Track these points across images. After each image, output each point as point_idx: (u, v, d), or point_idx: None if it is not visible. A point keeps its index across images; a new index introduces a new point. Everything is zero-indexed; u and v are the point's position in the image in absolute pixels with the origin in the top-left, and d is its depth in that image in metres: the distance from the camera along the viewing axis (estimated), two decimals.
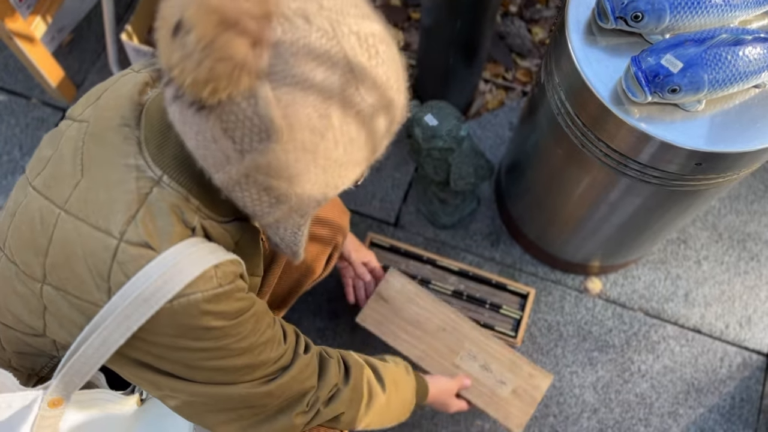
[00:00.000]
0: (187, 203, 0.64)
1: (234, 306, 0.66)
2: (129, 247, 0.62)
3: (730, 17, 0.91)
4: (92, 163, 0.65)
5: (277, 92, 0.53)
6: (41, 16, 1.51)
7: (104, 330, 0.63)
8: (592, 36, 0.94)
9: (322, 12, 0.54)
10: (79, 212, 0.64)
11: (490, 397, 1.22)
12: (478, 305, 1.32)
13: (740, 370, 1.44)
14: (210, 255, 0.64)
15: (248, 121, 0.54)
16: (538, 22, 1.76)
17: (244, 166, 0.56)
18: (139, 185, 0.63)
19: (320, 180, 0.59)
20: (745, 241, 1.55)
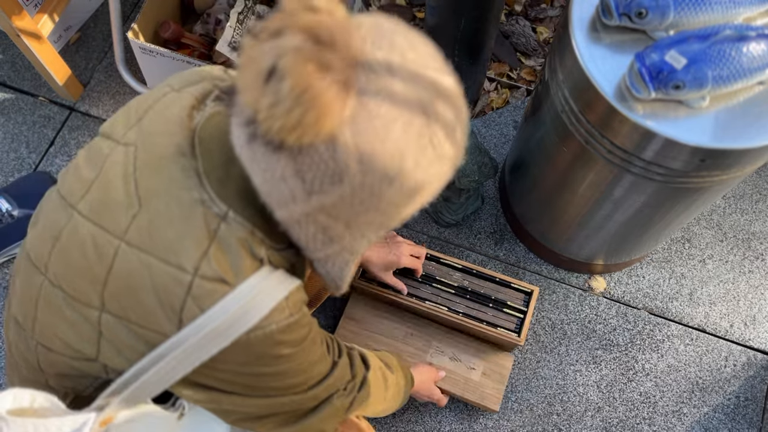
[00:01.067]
0: (253, 236, 0.65)
1: (301, 333, 0.70)
2: (204, 282, 0.63)
3: (734, 14, 0.91)
4: (150, 194, 0.65)
5: (356, 139, 0.54)
6: (48, 15, 1.52)
7: (173, 359, 0.65)
8: (596, 33, 0.94)
9: (405, 64, 0.56)
10: (143, 245, 0.64)
11: (464, 383, 1.34)
12: (482, 303, 1.33)
13: (745, 369, 1.44)
14: (280, 286, 0.66)
15: (323, 165, 0.55)
16: (543, 21, 1.77)
17: (309, 206, 0.58)
18: (207, 221, 0.64)
19: (377, 221, 0.61)
20: (750, 240, 1.55)
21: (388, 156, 0.55)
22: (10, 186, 1.51)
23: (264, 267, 0.66)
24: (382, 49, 0.56)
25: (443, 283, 1.34)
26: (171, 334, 0.65)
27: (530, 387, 1.42)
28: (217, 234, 0.63)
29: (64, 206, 0.71)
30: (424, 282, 1.34)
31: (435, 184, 0.61)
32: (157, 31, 1.55)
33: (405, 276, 1.33)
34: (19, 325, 0.76)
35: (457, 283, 1.35)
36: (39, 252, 0.72)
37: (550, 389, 1.42)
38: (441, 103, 0.57)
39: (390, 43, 0.57)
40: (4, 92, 1.69)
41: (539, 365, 1.44)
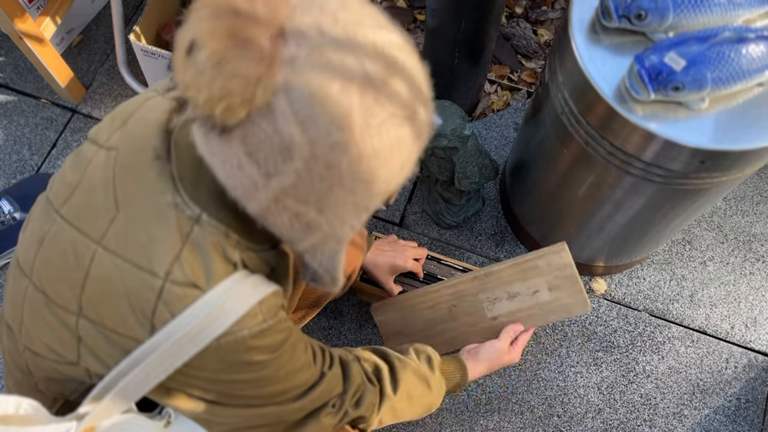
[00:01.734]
0: (227, 239, 0.64)
1: (276, 339, 0.68)
2: (175, 287, 0.63)
3: (734, 16, 0.91)
4: (128, 198, 0.65)
5: (294, 107, 0.52)
6: (51, 17, 1.53)
7: (146, 366, 0.64)
8: (596, 35, 0.94)
9: (336, 24, 0.54)
10: (119, 249, 0.64)
11: (542, 310, 1.14)
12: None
13: (746, 371, 1.44)
14: (254, 290, 0.65)
15: (269, 141, 0.53)
16: (544, 23, 1.77)
17: (272, 191, 0.56)
18: (180, 224, 0.63)
19: (349, 202, 0.58)
20: (751, 242, 1.55)
21: (331, 121, 0.53)
22: (12, 188, 1.52)
23: (238, 271, 0.65)
24: (312, 13, 0.54)
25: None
26: (144, 340, 0.64)
27: (531, 388, 1.42)
28: (189, 237, 0.63)
29: (48, 211, 0.71)
30: (425, 281, 1.34)
31: (400, 151, 0.57)
32: (158, 33, 1.55)
33: (406, 277, 1.33)
34: (10, 329, 0.77)
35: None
36: (25, 256, 0.72)
37: (550, 391, 1.42)
38: (381, 59, 0.55)
39: (321, 7, 0.55)
40: (6, 94, 1.70)
41: (540, 367, 1.44)
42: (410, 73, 0.57)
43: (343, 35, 0.54)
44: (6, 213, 1.46)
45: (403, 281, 1.32)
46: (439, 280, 1.34)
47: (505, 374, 1.42)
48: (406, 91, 0.56)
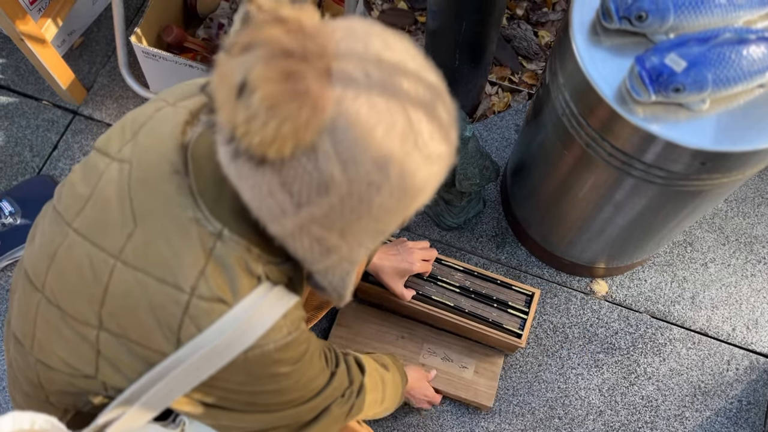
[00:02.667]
0: (249, 253, 0.64)
1: (299, 350, 0.69)
2: (201, 302, 0.63)
3: (735, 17, 0.91)
4: (146, 213, 0.65)
5: (338, 147, 0.53)
6: (52, 19, 1.53)
7: (172, 379, 0.65)
8: (597, 36, 0.94)
9: (381, 66, 0.55)
10: (139, 264, 0.64)
11: (457, 382, 1.37)
12: (486, 303, 1.33)
13: (747, 373, 1.44)
14: (278, 303, 0.66)
15: (308, 176, 0.54)
16: (545, 25, 1.77)
17: (300, 219, 0.57)
18: (203, 240, 0.63)
19: (371, 229, 0.60)
20: (753, 243, 1.55)
21: (372, 163, 0.54)
22: (14, 189, 1.52)
23: (262, 284, 0.65)
24: (356, 52, 0.55)
25: (446, 282, 1.35)
26: (169, 353, 0.64)
27: (532, 390, 1.42)
28: (213, 253, 0.63)
29: (59, 223, 0.70)
30: (427, 280, 1.34)
31: (427, 187, 0.60)
32: (160, 35, 1.55)
33: (416, 278, 1.34)
34: (18, 341, 0.76)
35: (458, 283, 1.35)
36: (36, 270, 0.72)
37: (551, 393, 1.42)
38: (422, 105, 0.56)
39: (365, 45, 0.56)
40: (8, 96, 1.70)
41: (541, 369, 1.43)
42: (445, 115, 0.59)
43: (388, 79, 0.55)
44: (7, 214, 1.46)
45: (409, 284, 1.32)
46: (440, 280, 1.34)
47: (506, 376, 1.42)
48: (441, 134, 0.58)
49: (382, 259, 1.23)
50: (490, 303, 1.33)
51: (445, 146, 0.59)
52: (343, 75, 0.54)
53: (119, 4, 1.45)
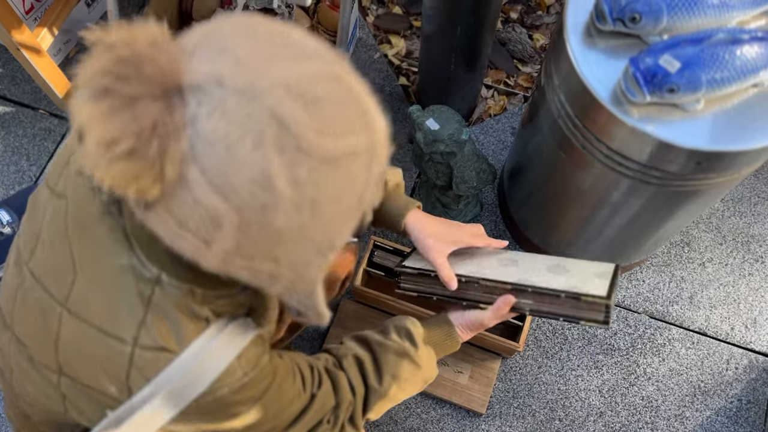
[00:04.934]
0: (192, 297, 0.60)
1: (260, 387, 0.66)
2: (145, 352, 0.60)
3: (728, 17, 0.91)
4: (83, 259, 0.62)
5: (207, 175, 0.46)
6: (48, 28, 1.53)
7: (129, 425, 0.63)
8: (591, 38, 0.95)
9: (238, 69, 0.47)
10: (82, 313, 0.62)
11: (452, 387, 1.37)
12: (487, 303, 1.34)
13: (747, 372, 1.44)
14: (230, 345, 0.62)
15: (194, 212, 0.48)
16: (539, 28, 1.78)
17: (216, 254, 0.51)
18: (140, 288, 0.59)
19: (306, 248, 0.52)
20: (750, 242, 1.55)
21: (251, 184, 0.47)
22: (11, 198, 1.52)
23: (210, 327, 0.62)
24: (211, 58, 0.47)
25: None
26: (124, 400, 0.62)
27: (532, 392, 1.42)
28: (152, 301, 0.60)
29: (19, 261, 0.68)
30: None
31: (349, 187, 0.51)
32: None
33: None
34: (2, 373, 0.76)
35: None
36: (6, 307, 0.71)
37: (552, 394, 1.42)
38: (297, 99, 0.47)
39: (222, 47, 0.48)
40: (4, 105, 1.70)
41: (540, 371, 1.44)
42: (338, 104, 0.49)
43: (246, 81, 0.46)
44: (5, 223, 1.46)
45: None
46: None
47: (506, 379, 1.42)
48: (337, 126, 0.49)
49: (433, 227, 0.95)
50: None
51: (353, 138, 0.50)
52: (195, 90, 0.46)
53: (115, 13, 1.46)
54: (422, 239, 0.92)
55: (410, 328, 0.89)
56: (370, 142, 0.52)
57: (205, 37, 0.49)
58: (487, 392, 1.37)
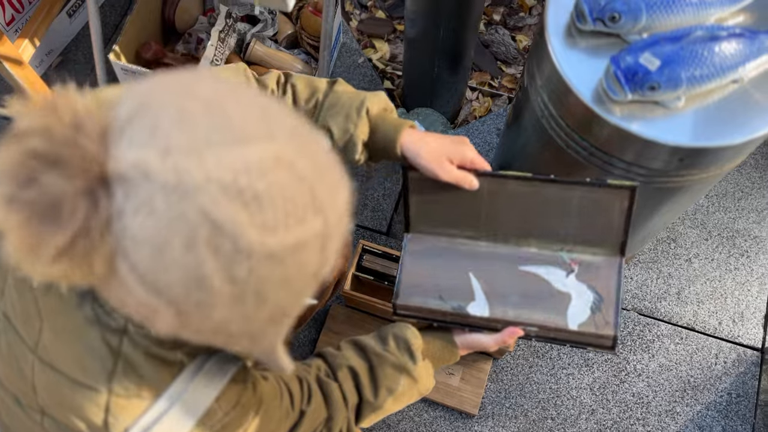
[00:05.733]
0: (161, 344, 0.58)
1: (246, 419, 0.64)
2: (120, 400, 0.58)
3: (706, 15, 0.92)
4: (48, 309, 0.59)
5: (137, 272, 0.43)
6: (29, 40, 1.53)
7: None
8: (572, 38, 0.95)
9: (168, 158, 0.41)
10: (53, 362, 0.60)
11: (444, 389, 1.37)
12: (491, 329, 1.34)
13: (735, 366, 1.45)
14: (207, 387, 0.60)
15: (130, 299, 0.46)
16: (522, 29, 1.79)
17: (161, 328, 0.49)
18: (107, 339, 0.57)
19: (253, 326, 0.49)
20: (735, 237, 1.57)
21: (184, 284, 0.43)
22: None
23: (186, 369, 0.59)
24: (138, 142, 0.42)
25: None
26: None
27: (524, 392, 1.42)
28: (121, 351, 0.57)
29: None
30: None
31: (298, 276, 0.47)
32: (138, 52, 1.55)
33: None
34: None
35: None
36: None
37: (543, 394, 1.42)
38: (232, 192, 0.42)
39: (152, 129, 0.42)
40: None
41: (532, 370, 1.44)
42: (285, 196, 0.44)
43: (175, 177, 0.41)
44: None
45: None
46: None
47: (498, 379, 1.43)
48: (283, 219, 0.44)
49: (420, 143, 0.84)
50: None
51: (303, 227, 0.45)
52: (121, 181, 0.41)
53: (96, 23, 1.45)
54: (417, 161, 0.84)
55: (410, 339, 0.86)
56: (324, 225, 0.47)
57: (138, 110, 0.43)
58: (479, 393, 1.38)
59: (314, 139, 0.49)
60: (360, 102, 0.82)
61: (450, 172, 0.83)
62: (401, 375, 0.85)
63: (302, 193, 0.45)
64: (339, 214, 0.49)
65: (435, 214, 0.91)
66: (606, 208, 0.84)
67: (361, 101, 0.82)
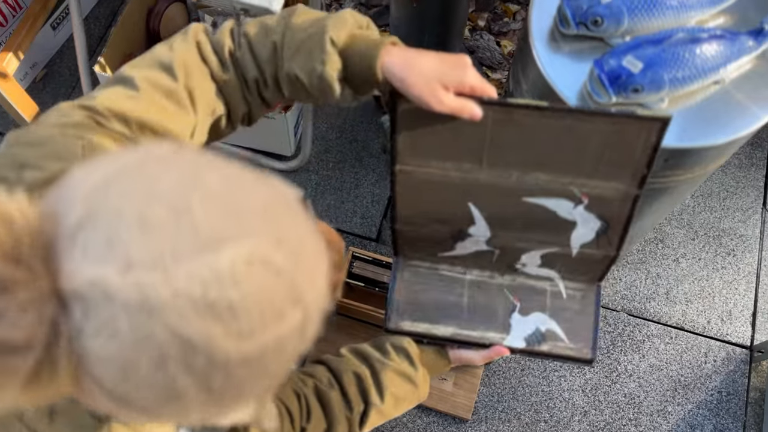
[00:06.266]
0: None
1: None
2: None
3: (686, 17, 0.94)
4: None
5: (105, 388, 0.40)
6: (13, 53, 1.52)
7: None
8: (556, 43, 0.96)
9: (129, 274, 0.37)
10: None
11: (437, 394, 1.37)
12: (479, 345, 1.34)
13: (725, 364, 1.46)
14: None
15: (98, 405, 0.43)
16: (506, 34, 1.80)
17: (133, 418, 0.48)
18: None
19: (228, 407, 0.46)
20: (721, 237, 1.58)
21: (154, 396, 0.40)
22: None
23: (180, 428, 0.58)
24: (95, 255, 0.37)
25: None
26: None
27: (516, 395, 1.42)
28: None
29: None
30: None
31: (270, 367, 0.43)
32: (123, 63, 1.55)
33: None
34: None
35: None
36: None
37: (536, 396, 1.43)
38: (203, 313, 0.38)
39: (108, 240, 0.37)
40: None
41: (524, 373, 1.44)
42: (262, 297, 0.40)
43: (139, 295, 0.37)
44: None
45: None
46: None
47: (490, 383, 1.43)
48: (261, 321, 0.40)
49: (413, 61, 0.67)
50: None
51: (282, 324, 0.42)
52: (78, 298, 0.37)
53: (81, 35, 1.45)
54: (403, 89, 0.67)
55: (408, 348, 0.87)
56: (303, 314, 0.43)
57: (89, 213, 0.38)
58: (471, 398, 1.38)
59: (289, 211, 0.44)
60: (320, 32, 0.66)
61: (444, 101, 0.67)
62: (403, 380, 0.86)
63: (280, 289, 0.41)
64: (319, 295, 0.45)
65: (427, 146, 0.79)
66: (628, 141, 0.75)
67: (322, 31, 0.66)
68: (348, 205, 1.59)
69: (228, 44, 0.69)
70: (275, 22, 0.69)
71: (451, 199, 0.82)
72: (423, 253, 0.89)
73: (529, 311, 0.89)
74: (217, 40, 0.69)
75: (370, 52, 0.67)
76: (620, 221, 0.82)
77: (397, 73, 0.67)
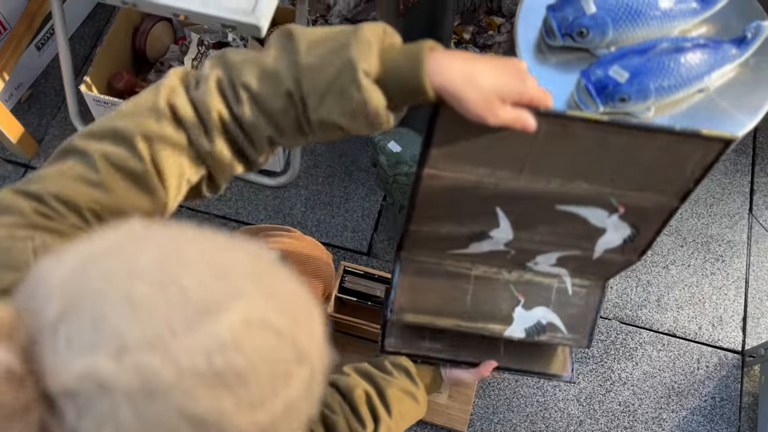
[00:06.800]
0: None
1: None
2: None
3: (670, 27, 0.95)
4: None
5: None
6: None
7: None
8: (542, 54, 0.97)
9: (124, 358, 0.34)
10: None
11: (432, 408, 1.36)
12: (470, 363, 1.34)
13: (717, 369, 1.47)
14: None
15: None
16: (492, 47, 1.82)
17: None
18: None
19: None
20: (709, 243, 1.59)
21: None
22: None
23: None
24: (82, 344, 0.35)
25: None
26: None
27: (511, 407, 1.42)
28: None
29: None
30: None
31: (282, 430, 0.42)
32: (110, 82, 1.54)
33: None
34: None
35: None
36: None
37: (531, 407, 1.42)
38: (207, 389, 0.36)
39: (95, 323, 0.35)
40: None
41: (518, 384, 1.44)
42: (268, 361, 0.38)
43: (140, 381, 0.35)
44: None
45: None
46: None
47: (485, 395, 1.42)
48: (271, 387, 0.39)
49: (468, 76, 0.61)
50: None
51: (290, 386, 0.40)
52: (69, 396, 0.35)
53: (66, 54, 1.44)
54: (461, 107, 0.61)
55: (408, 366, 0.90)
56: (309, 372, 0.42)
57: (69, 302, 0.36)
58: (467, 410, 1.37)
59: (274, 269, 0.43)
60: (349, 68, 0.57)
61: (500, 115, 0.61)
62: (407, 397, 0.88)
63: (283, 349, 0.39)
64: (320, 349, 0.44)
65: (464, 153, 0.74)
66: (682, 158, 0.72)
67: (350, 67, 0.57)
68: (338, 220, 1.58)
69: (217, 107, 0.59)
70: (274, 60, 0.59)
71: (479, 203, 0.78)
72: (432, 250, 0.86)
73: (532, 306, 0.88)
74: (201, 100, 0.59)
75: (413, 73, 0.60)
76: (651, 230, 0.80)
77: (452, 91, 0.60)
